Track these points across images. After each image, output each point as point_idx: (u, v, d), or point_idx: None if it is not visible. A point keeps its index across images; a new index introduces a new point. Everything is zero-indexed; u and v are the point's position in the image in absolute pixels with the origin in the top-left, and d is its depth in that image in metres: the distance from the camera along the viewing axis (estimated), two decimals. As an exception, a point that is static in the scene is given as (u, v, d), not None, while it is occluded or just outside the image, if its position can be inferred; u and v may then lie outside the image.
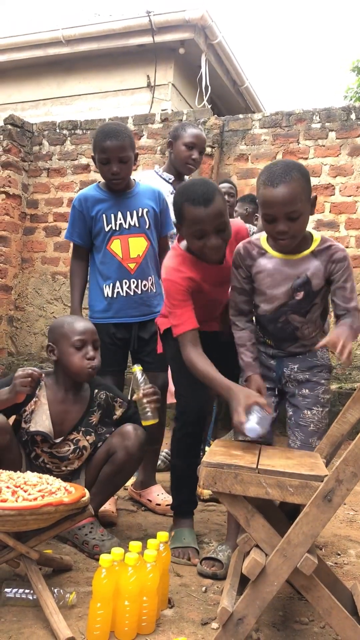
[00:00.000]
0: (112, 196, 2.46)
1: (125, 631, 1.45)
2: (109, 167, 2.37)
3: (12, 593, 1.58)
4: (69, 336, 2.02)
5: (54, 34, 7.35)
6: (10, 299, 5.76)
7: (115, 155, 2.35)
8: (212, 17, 6.87)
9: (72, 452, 2.04)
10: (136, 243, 2.46)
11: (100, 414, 2.10)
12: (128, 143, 2.38)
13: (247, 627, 1.36)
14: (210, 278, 2.01)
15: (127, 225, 2.45)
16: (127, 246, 2.45)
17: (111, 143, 2.34)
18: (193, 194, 1.86)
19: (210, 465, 1.42)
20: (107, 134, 2.36)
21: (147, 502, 2.56)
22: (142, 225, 2.47)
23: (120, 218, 2.44)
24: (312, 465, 1.49)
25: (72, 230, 2.52)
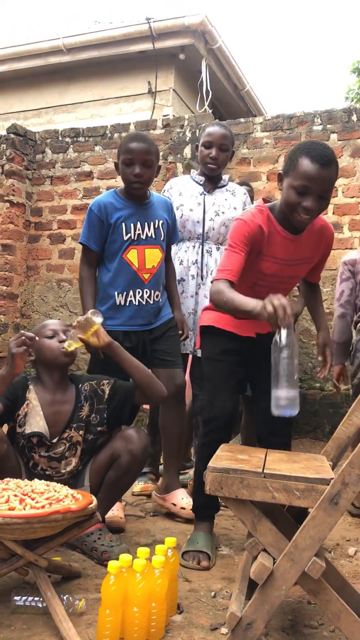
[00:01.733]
0: (130, 205, 2.48)
1: (135, 637, 1.45)
2: (132, 168, 2.39)
3: (22, 601, 1.58)
4: (39, 331, 2.11)
5: (55, 43, 7.40)
6: (16, 306, 5.79)
7: (139, 157, 2.38)
8: (212, 22, 6.90)
9: (67, 449, 2.05)
10: (152, 254, 2.49)
11: (89, 405, 2.11)
12: (154, 149, 2.43)
13: (256, 631, 1.36)
14: (280, 250, 1.97)
15: (144, 236, 2.47)
16: (144, 257, 2.47)
17: (137, 145, 2.38)
18: (315, 150, 1.82)
19: (216, 470, 1.42)
20: (134, 137, 2.42)
21: (171, 506, 2.54)
22: (157, 237, 2.50)
23: (139, 228, 2.46)
24: (318, 468, 1.49)
25: (88, 235, 2.50)
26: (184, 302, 2.81)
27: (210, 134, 2.79)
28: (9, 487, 1.63)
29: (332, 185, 1.87)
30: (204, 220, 2.84)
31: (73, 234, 5.67)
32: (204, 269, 2.84)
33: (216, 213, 2.85)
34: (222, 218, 2.85)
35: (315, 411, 4.52)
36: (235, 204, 2.89)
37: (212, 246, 2.87)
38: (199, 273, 2.84)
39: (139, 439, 2.04)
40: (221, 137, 2.78)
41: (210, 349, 2.14)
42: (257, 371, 2.17)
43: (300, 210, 1.86)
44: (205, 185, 2.91)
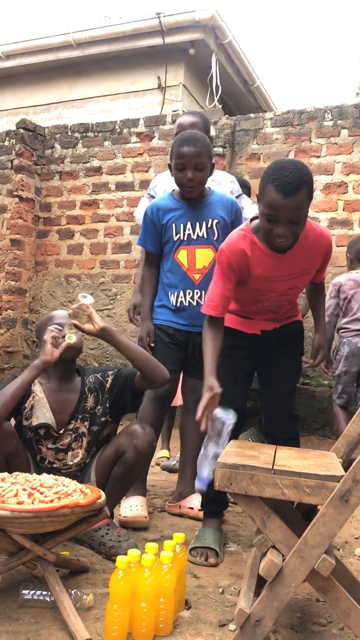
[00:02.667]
0: (184, 205, 2.45)
1: (143, 633, 1.45)
2: (184, 173, 2.34)
3: (30, 595, 1.58)
4: (45, 324, 2.12)
5: (65, 38, 7.39)
6: (24, 301, 5.80)
7: (191, 162, 2.32)
8: (222, 17, 6.86)
9: (73, 440, 2.07)
10: (203, 254, 2.45)
11: (93, 397, 2.13)
12: (205, 151, 2.35)
13: (264, 628, 1.35)
14: (270, 269, 1.99)
15: (195, 236, 2.44)
16: (194, 257, 2.44)
17: (188, 149, 2.31)
18: (279, 178, 1.79)
19: (226, 466, 1.41)
20: (185, 141, 2.34)
21: (188, 510, 2.50)
22: (210, 237, 2.45)
23: (189, 228, 2.44)
24: (328, 465, 1.48)
25: (144, 237, 2.52)
26: None
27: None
28: (17, 481, 1.63)
29: (302, 210, 1.83)
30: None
31: (82, 229, 5.68)
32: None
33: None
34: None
35: (323, 408, 4.50)
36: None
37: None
38: None
39: (144, 434, 2.04)
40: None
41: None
42: (263, 366, 2.22)
43: (274, 237, 1.87)
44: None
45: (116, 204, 5.52)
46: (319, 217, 4.72)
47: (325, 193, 4.75)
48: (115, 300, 5.46)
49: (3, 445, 1.89)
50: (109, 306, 5.47)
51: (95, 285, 5.57)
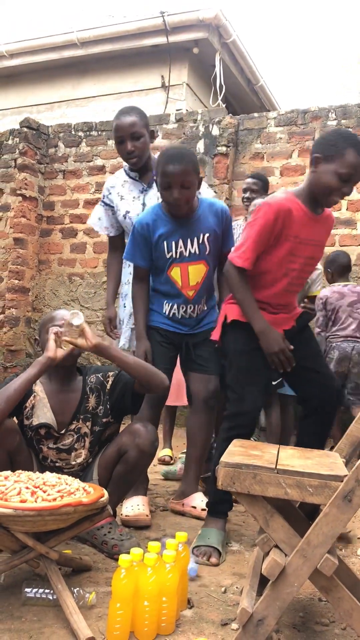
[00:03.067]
0: (173, 221, 2.37)
1: (145, 632, 1.45)
2: (170, 192, 2.26)
3: (33, 593, 1.59)
4: (46, 324, 2.12)
5: (69, 37, 7.39)
6: (27, 300, 5.81)
7: (177, 180, 2.23)
8: (226, 16, 6.85)
9: (75, 441, 2.07)
10: (195, 270, 2.41)
11: (95, 397, 2.13)
12: (191, 168, 2.25)
13: (267, 628, 1.35)
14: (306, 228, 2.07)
15: (187, 253, 2.38)
16: (187, 274, 2.41)
17: (173, 168, 2.21)
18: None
19: (229, 465, 1.41)
20: (170, 159, 2.23)
21: (191, 509, 2.49)
22: (202, 252, 2.40)
23: (180, 245, 2.37)
24: (331, 465, 1.48)
25: (133, 252, 2.45)
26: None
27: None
28: (20, 479, 1.63)
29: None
30: None
31: (85, 228, 5.68)
32: None
33: None
34: None
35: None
36: None
37: None
38: None
39: (147, 433, 2.03)
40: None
41: (243, 342, 2.10)
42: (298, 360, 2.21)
43: (338, 195, 2.01)
44: (143, 179, 2.71)
45: (119, 203, 5.51)
46: (323, 216, 4.70)
47: (329, 192, 4.74)
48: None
49: (6, 442, 1.89)
50: (111, 305, 5.47)
51: (98, 284, 5.57)
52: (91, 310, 5.57)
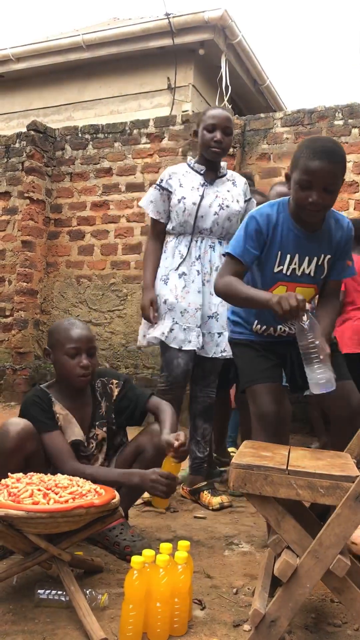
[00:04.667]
0: (298, 231, 1.93)
1: (158, 632, 1.45)
2: (308, 193, 1.81)
3: (46, 594, 1.59)
4: (62, 343, 2.03)
5: (74, 39, 7.42)
6: (36, 302, 5.83)
7: (322, 181, 1.80)
8: (232, 17, 6.86)
9: (95, 447, 2.08)
10: (303, 293, 1.96)
11: (105, 401, 2.14)
12: (340, 171, 1.82)
13: (280, 629, 1.35)
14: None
15: (299, 273, 1.97)
16: None
17: (320, 165, 1.77)
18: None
19: (240, 466, 1.41)
20: (320, 153, 1.79)
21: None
22: (317, 275, 1.99)
23: (295, 262, 1.95)
24: (342, 465, 1.47)
25: (243, 247, 1.94)
26: (185, 297, 2.65)
27: (214, 116, 2.65)
28: (32, 481, 1.64)
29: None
30: (208, 215, 2.67)
31: (92, 230, 5.70)
32: (206, 265, 2.68)
33: (220, 207, 2.68)
34: (226, 212, 2.68)
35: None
36: (237, 196, 2.75)
37: (215, 241, 2.71)
38: (202, 269, 2.68)
39: None
40: (225, 120, 2.65)
41: None
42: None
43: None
44: (206, 175, 2.74)
45: (126, 204, 5.53)
46: (330, 216, 4.69)
47: (336, 192, 4.73)
48: (126, 300, 5.47)
49: (26, 446, 1.88)
50: (119, 307, 5.49)
51: (105, 286, 5.59)
52: (99, 312, 5.59)
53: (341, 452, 1.71)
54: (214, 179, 2.74)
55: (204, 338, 2.65)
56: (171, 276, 2.68)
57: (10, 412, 5.25)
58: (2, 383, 5.73)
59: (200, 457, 2.76)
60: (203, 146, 2.68)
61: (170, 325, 2.63)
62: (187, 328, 2.62)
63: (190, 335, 2.62)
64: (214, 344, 2.67)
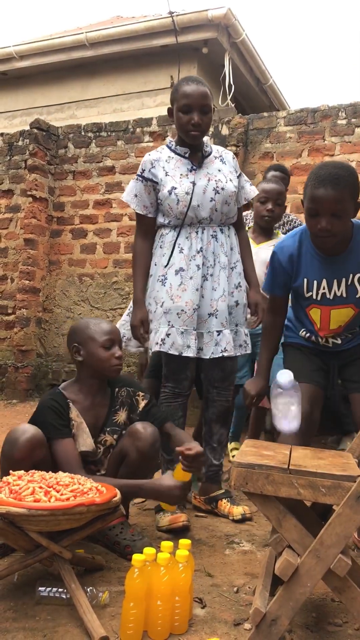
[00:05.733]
0: (318, 258, 2.03)
1: (159, 631, 1.46)
2: (317, 220, 1.88)
3: (46, 592, 1.60)
4: (97, 337, 2.06)
5: (78, 37, 7.43)
6: (38, 300, 5.83)
7: (328, 208, 1.85)
8: (235, 15, 6.85)
9: (102, 453, 2.06)
10: (339, 315, 2.07)
11: (126, 411, 2.13)
12: (348, 194, 1.86)
13: (280, 628, 1.35)
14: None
15: (331, 296, 2.02)
16: (328, 318, 2.09)
17: (325, 193, 1.83)
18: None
19: (242, 465, 1.41)
20: (324, 179, 1.84)
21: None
22: (350, 295, 2.02)
23: (324, 287, 2.01)
24: (344, 465, 1.47)
25: (272, 284, 2.18)
26: (182, 296, 2.37)
27: (187, 95, 2.32)
28: (34, 479, 1.64)
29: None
30: (204, 202, 2.39)
31: (95, 228, 5.70)
32: (209, 258, 2.42)
33: (215, 190, 2.40)
34: (223, 196, 2.41)
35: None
36: (229, 174, 2.48)
37: (216, 229, 2.44)
38: (204, 262, 2.41)
39: (146, 434, 2.02)
40: (201, 98, 2.33)
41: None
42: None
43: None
44: (192, 157, 2.46)
45: (129, 203, 5.52)
46: (333, 216, 4.69)
47: (339, 192, 4.73)
48: (128, 299, 5.47)
49: (35, 453, 1.85)
50: (121, 305, 5.49)
51: (108, 284, 5.59)
52: (101, 310, 5.59)
53: (342, 452, 1.71)
54: (201, 160, 2.47)
55: (203, 338, 2.40)
56: (169, 274, 2.40)
57: (12, 410, 5.25)
58: (4, 381, 5.74)
59: (216, 465, 2.54)
60: (180, 129, 2.42)
61: (165, 331, 2.36)
62: (184, 331, 2.36)
63: (189, 340, 2.36)
64: (212, 344, 2.40)
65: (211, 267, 2.42)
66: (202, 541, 2.16)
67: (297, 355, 2.20)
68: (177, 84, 2.43)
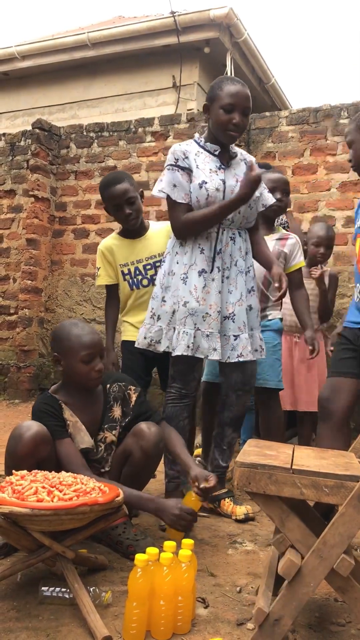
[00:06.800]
0: None
1: (162, 630, 1.46)
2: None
3: (49, 592, 1.60)
4: (76, 350, 2.00)
5: (80, 37, 7.43)
6: (40, 300, 5.84)
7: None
8: (237, 15, 6.85)
9: (104, 450, 2.06)
10: None
11: (120, 405, 2.12)
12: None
13: (283, 628, 1.35)
14: None
15: None
16: None
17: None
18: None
19: (244, 465, 1.41)
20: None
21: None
22: None
23: None
24: (347, 465, 1.47)
25: None
26: (207, 299, 2.35)
27: (233, 94, 2.31)
28: (37, 478, 1.65)
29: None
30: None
31: (97, 228, 5.70)
32: (227, 260, 2.39)
33: None
34: None
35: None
36: None
37: (235, 232, 2.42)
38: (222, 265, 2.38)
39: (150, 434, 2.02)
40: (245, 100, 2.33)
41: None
42: None
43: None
44: (221, 157, 2.43)
45: (131, 203, 5.52)
46: (335, 215, 4.69)
47: (342, 191, 4.73)
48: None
49: (39, 450, 1.87)
50: (124, 305, 5.49)
51: (110, 284, 5.58)
52: (103, 310, 5.57)
53: (345, 452, 1.71)
54: (229, 160, 2.45)
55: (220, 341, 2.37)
56: (190, 274, 2.36)
57: (15, 410, 5.26)
58: (6, 381, 5.75)
59: (222, 467, 2.51)
60: (218, 127, 2.35)
61: (192, 334, 2.32)
62: (210, 334, 2.32)
63: (214, 343, 2.32)
64: (229, 348, 2.37)
65: (227, 269, 2.40)
66: (204, 541, 2.16)
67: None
68: (220, 83, 2.38)
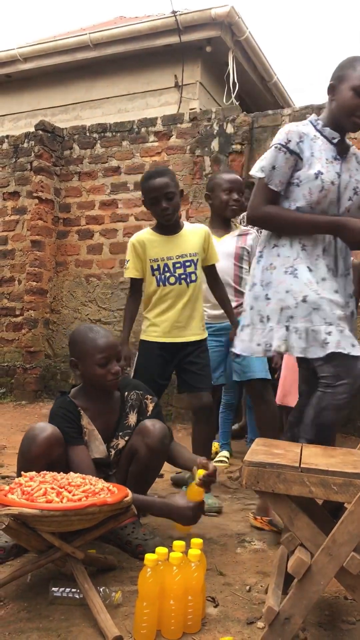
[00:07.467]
0: None
1: (172, 630, 1.46)
2: None
3: (60, 592, 1.60)
4: (92, 354, 2.02)
5: (81, 38, 7.43)
6: (45, 302, 5.85)
7: None
8: (239, 13, 6.84)
9: (114, 456, 2.07)
10: None
11: (136, 413, 2.13)
12: None
13: (294, 626, 1.35)
14: None
15: None
16: None
17: None
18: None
19: (253, 464, 1.41)
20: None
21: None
22: None
23: None
24: (355, 463, 1.47)
25: None
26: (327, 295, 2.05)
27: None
28: (46, 480, 1.65)
29: None
30: (340, 200, 2.14)
31: (101, 229, 5.71)
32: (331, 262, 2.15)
33: (355, 191, 2.16)
34: (359, 198, 2.18)
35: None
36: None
37: None
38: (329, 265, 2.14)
39: (155, 430, 2.02)
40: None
41: None
42: None
43: None
44: (339, 146, 2.17)
45: (135, 203, 5.53)
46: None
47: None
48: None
49: (51, 452, 1.88)
50: (129, 305, 5.49)
51: (115, 284, 5.60)
52: (108, 310, 5.60)
53: (353, 450, 1.70)
54: (346, 151, 2.20)
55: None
56: (299, 268, 2.08)
57: (22, 411, 5.27)
58: (13, 382, 5.77)
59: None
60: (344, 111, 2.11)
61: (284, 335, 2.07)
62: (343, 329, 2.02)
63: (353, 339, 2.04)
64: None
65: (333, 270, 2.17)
66: (213, 540, 2.17)
67: None
68: (353, 61, 2.10)
